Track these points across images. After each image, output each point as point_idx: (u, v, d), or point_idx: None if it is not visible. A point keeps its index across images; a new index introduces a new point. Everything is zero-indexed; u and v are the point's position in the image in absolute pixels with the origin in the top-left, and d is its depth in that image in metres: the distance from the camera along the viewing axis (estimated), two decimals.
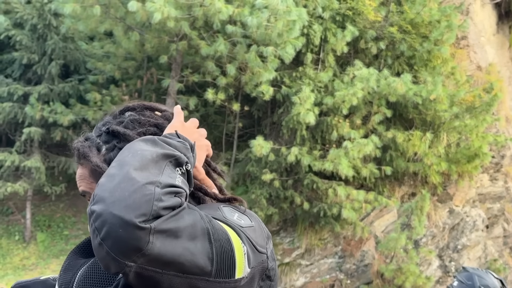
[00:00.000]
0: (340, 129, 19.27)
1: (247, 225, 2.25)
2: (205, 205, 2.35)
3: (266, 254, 2.28)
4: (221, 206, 2.29)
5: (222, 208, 2.26)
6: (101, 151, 2.48)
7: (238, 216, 2.26)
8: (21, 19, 22.58)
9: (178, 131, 2.36)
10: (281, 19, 17.53)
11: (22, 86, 22.14)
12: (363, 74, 18.80)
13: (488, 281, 6.62)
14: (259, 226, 2.34)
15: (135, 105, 2.61)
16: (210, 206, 2.29)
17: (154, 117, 2.56)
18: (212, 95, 19.26)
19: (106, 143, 2.48)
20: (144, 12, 17.22)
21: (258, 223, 2.36)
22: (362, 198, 19.20)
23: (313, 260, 20.43)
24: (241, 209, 2.36)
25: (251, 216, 2.36)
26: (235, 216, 2.25)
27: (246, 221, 2.27)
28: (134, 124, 2.51)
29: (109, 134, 2.50)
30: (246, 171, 20.34)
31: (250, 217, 2.34)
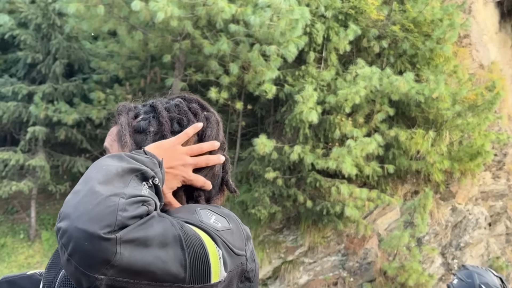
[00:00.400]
0: (343, 128, 19.31)
1: (224, 228, 2.19)
2: (183, 207, 2.34)
3: (245, 256, 2.26)
4: (198, 209, 2.24)
5: (199, 211, 2.21)
6: (136, 118, 2.57)
7: (215, 219, 2.20)
8: (25, 19, 22.66)
9: (164, 150, 2.36)
10: (283, 18, 17.57)
11: (27, 85, 22.23)
12: (365, 72, 18.83)
13: (488, 279, 6.61)
14: (237, 227, 2.29)
15: (191, 97, 2.70)
16: (188, 209, 2.26)
17: (197, 112, 2.59)
18: (215, 94, 19.33)
19: (146, 113, 2.57)
20: (147, 12, 17.28)
21: (237, 225, 2.31)
22: (365, 196, 19.25)
23: (316, 258, 20.48)
24: (219, 211, 2.31)
25: (229, 217, 2.30)
26: (212, 219, 2.19)
27: (223, 223, 2.21)
28: (175, 109, 2.58)
29: (151, 107, 2.60)
30: (249, 169, 20.41)
31: (228, 219, 2.27)
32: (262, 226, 20.40)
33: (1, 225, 22.56)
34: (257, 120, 22.25)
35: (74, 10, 18.45)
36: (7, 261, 21.11)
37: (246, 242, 2.31)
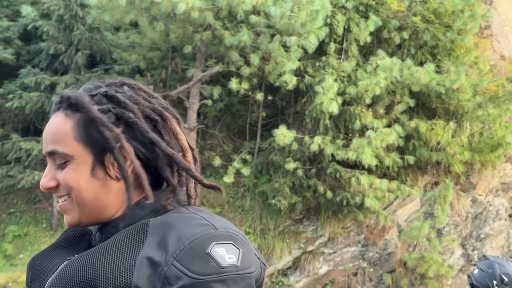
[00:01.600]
0: (363, 119, 19.35)
1: (237, 260, 2.01)
2: (194, 245, 2.01)
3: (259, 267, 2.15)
4: (211, 248, 1.99)
5: (213, 252, 1.99)
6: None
7: (227, 252, 2.01)
8: (48, 10, 22.78)
9: None
10: (304, 9, 17.63)
11: (49, 76, 22.36)
12: (386, 63, 18.86)
13: (508, 269, 6.49)
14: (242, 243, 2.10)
15: (132, 83, 2.37)
16: (200, 251, 1.98)
17: (150, 100, 2.31)
18: (236, 84, 19.43)
19: (98, 104, 2.21)
20: (169, 3, 17.37)
21: (239, 238, 2.10)
22: (385, 187, 19.28)
23: (336, 248, 20.52)
24: (226, 235, 2.06)
25: (232, 238, 2.06)
26: (225, 255, 2.00)
27: (234, 252, 2.02)
28: (133, 101, 2.26)
29: (105, 97, 2.24)
30: (269, 160, 20.45)
31: (233, 241, 2.05)
32: (282, 217, 20.46)
33: (24, 214, 22.75)
34: (278, 110, 22.32)
35: (96, 1, 18.60)
36: (30, 250, 21.29)
37: (252, 249, 2.14)
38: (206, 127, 22.34)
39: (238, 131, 22.93)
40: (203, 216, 2.11)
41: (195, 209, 2.20)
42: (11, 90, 22.49)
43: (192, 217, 2.11)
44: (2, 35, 23.09)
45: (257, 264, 2.09)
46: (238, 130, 22.95)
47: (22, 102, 21.84)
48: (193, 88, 19.78)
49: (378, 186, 19.21)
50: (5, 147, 21.95)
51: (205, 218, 2.09)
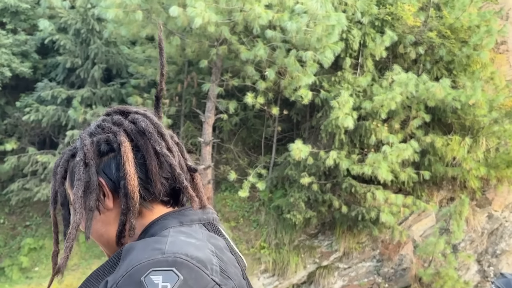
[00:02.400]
0: (379, 134, 19.32)
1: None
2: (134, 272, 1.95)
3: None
4: (146, 275, 1.92)
5: (147, 280, 1.91)
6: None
7: (163, 278, 1.92)
8: (65, 24, 22.89)
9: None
10: (320, 24, 17.63)
11: (66, 90, 22.46)
12: (401, 78, 18.84)
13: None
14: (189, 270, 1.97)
15: (113, 109, 2.41)
16: (135, 279, 1.92)
17: (120, 122, 2.32)
18: (252, 99, 19.44)
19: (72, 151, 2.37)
20: (185, 17, 17.39)
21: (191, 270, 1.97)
22: (401, 202, 19.25)
23: (351, 263, 20.46)
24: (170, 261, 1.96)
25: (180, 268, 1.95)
26: (160, 282, 1.91)
27: (171, 279, 1.92)
28: (98, 130, 2.32)
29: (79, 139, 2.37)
30: (284, 174, 20.43)
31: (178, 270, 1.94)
32: (297, 231, 20.43)
33: (40, 227, 22.78)
34: (293, 125, 22.30)
35: (113, 16, 18.61)
36: (45, 263, 21.31)
37: (206, 269, 2.02)
38: (221, 141, 22.37)
39: (254, 146, 22.92)
40: (168, 240, 2.06)
41: (177, 232, 2.15)
42: (28, 104, 22.61)
43: (157, 240, 2.07)
44: (20, 49, 23.20)
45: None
46: (253, 144, 22.93)
47: (38, 115, 21.94)
48: (209, 103, 19.85)
49: (394, 201, 19.16)
50: (22, 160, 22.04)
51: (167, 242, 2.04)
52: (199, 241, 2.11)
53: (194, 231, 2.18)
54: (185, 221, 2.23)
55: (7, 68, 22.33)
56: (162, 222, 2.20)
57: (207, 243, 2.13)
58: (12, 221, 23.30)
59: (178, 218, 2.23)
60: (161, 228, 2.17)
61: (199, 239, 2.12)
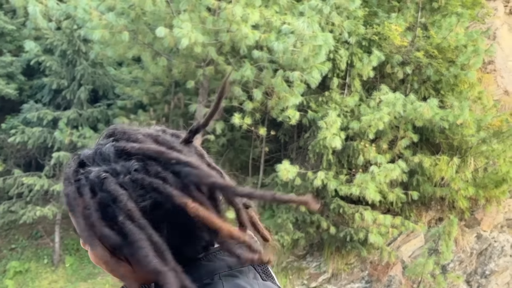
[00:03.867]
0: (367, 154, 19.27)
1: None
2: None
3: None
4: None
5: None
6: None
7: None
8: (51, 45, 22.84)
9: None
10: (307, 44, 17.56)
11: (52, 111, 22.37)
12: (389, 98, 18.82)
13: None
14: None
15: (141, 148, 1.98)
16: None
17: (160, 173, 1.93)
18: (239, 119, 19.35)
19: (93, 191, 1.91)
20: (172, 38, 17.33)
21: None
22: (389, 222, 19.17)
23: (340, 284, 20.35)
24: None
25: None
26: None
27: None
28: (134, 187, 1.90)
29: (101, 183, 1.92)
30: None
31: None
32: (285, 253, 20.32)
33: (25, 250, 22.64)
34: (281, 146, 22.24)
35: (99, 37, 18.53)
36: (31, 286, 21.15)
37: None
38: None
39: (241, 166, 22.84)
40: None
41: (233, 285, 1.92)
42: (13, 125, 22.50)
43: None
44: (5, 70, 23.12)
45: None
46: (241, 165, 22.85)
47: (24, 137, 21.82)
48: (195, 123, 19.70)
49: (382, 222, 19.10)
50: (7, 183, 21.90)
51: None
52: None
53: (250, 284, 1.95)
54: (234, 264, 1.99)
55: None
56: (207, 265, 1.98)
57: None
58: None
59: (225, 260, 2.00)
60: (207, 274, 1.94)
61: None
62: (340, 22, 19.54)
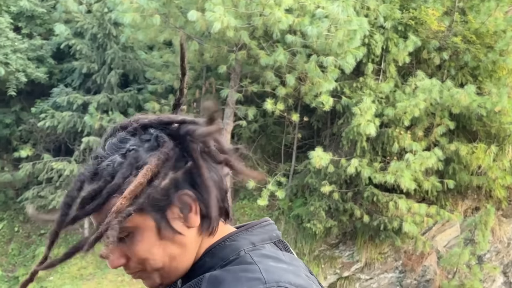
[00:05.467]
0: (402, 141, 18.97)
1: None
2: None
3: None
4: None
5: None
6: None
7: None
8: (82, 28, 22.72)
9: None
10: (341, 29, 17.34)
11: (82, 95, 22.25)
12: (425, 85, 18.50)
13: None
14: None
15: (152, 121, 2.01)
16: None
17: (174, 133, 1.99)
18: (271, 105, 19.13)
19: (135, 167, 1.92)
20: (203, 22, 17.16)
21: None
22: (424, 211, 18.85)
23: (373, 274, 20.14)
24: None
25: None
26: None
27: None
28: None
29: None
30: (305, 182, 20.14)
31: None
32: (318, 241, 20.11)
33: None
34: (314, 132, 21.97)
35: (130, 20, 18.43)
36: (60, 272, 21.11)
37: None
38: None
39: (273, 153, 22.64)
40: (260, 267, 1.82)
41: (261, 256, 1.90)
42: (43, 110, 22.40)
43: (247, 269, 1.83)
44: (35, 54, 23.05)
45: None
46: (273, 151, 22.66)
47: (54, 121, 21.72)
48: (227, 109, 19.59)
49: (417, 211, 18.80)
50: (37, 167, 21.82)
51: (260, 270, 1.81)
52: (290, 266, 1.90)
53: (274, 253, 1.96)
54: (257, 241, 1.98)
55: (22, 74, 22.19)
56: (232, 244, 1.96)
57: (298, 266, 1.93)
58: (26, 229, 23.15)
59: (248, 238, 1.99)
60: (233, 251, 1.93)
61: (288, 263, 1.91)
62: (375, 6, 19.27)
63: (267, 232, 2.04)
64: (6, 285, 21.60)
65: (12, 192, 23.41)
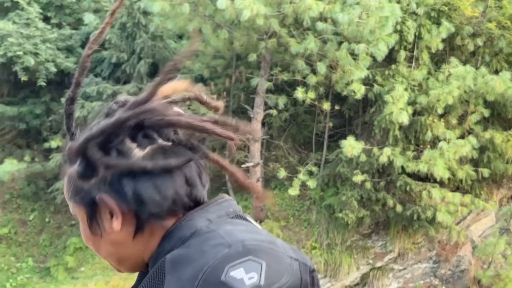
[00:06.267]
0: (435, 129, 18.78)
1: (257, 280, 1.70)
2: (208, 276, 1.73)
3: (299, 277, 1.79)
4: (226, 274, 1.70)
5: (228, 279, 1.69)
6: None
7: (245, 270, 1.71)
8: None
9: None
10: (373, 16, 17.18)
11: (111, 85, 22.25)
12: (459, 72, 18.26)
13: None
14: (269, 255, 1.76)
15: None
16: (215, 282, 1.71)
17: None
18: (302, 94, 18.96)
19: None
20: (233, 10, 17.07)
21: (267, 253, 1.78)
22: (458, 201, 18.65)
23: (406, 264, 20.01)
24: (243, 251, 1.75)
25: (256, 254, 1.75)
26: (244, 275, 1.71)
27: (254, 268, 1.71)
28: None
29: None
30: (336, 172, 19.98)
31: (255, 256, 1.74)
32: (350, 231, 19.99)
33: None
34: (345, 121, 21.82)
35: (159, 9, 18.42)
36: (91, 262, 21.17)
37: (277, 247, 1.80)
38: (270, 137, 21.95)
39: (304, 142, 22.54)
40: (220, 233, 1.80)
41: (217, 224, 1.88)
42: None
43: (207, 238, 1.81)
44: (65, 44, 23.08)
45: (291, 270, 1.77)
46: (304, 141, 22.55)
47: (84, 111, 21.65)
48: (257, 98, 19.50)
49: (451, 200, 18.61)
50: None
51: (221, 235, 1.79)
52: (249, 227, 1.90)
53: (232, 221, 1.93)
54: (213, 218, 1.92)
55: (52, 64, 22.24)
56: (187, 224, 1.90)
57: (256, 227, 1.93)
58: (57, 220, 23.25)
59: (203, 216, 1.92)
60: (189, 229, 1.87)
61: (246, 225, 1.91)
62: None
63: (223, 208, 1.98)
64: (38, 275, 21.72)
65: (43, 183, 23.49)
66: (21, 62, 21.79)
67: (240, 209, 2.04)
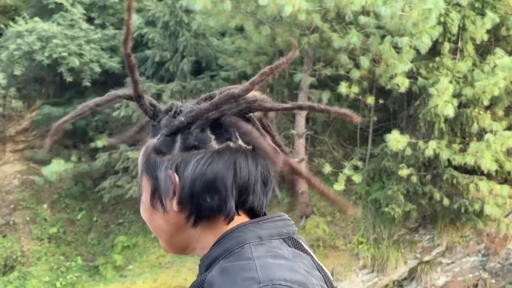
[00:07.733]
0: (481, 121, 18.61)
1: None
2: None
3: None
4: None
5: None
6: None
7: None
8: (153, 17, 22.79)
9: None
10: (416, 8, 17.02)
11: (155, 84, 22.32)
12: (505, 62, 18.01)
13: None
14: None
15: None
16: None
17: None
18: (346, 88, 18.93)
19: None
20: (274, 6, 17.05)
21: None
22: (506, 193, 18.47)
23: (455, 258, 19.87)
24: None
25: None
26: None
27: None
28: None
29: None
30: (382, 166, 19.91)
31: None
32: (397, 225, 19.88)
33: (132, 224, 22.82)
34: (389, 115, 21.72)
35: (201, 7, 18.47)
36: (139, 260, 21.28)
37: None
38: (315, 133, 21.91)
39: (349, 137, 22.47)
40: (257, 264, 1.83)
41: (262, 251, 1.90)
42: None
43: (243, 268, 1.84)
44: (108, 44, 23.23)
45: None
46: (348, 135, 22.48)
47: (129, 111, 21.81)
48: (301, 93, 19.46)
49: (499, 193, 18.44)
50: (113, 157, 21.98)
51: (256, 267, 1.82)
52: (290, 261, 1.88)
53: (278, 248, 1.94)
54: (264, 235, 1.97)
55: (96, 64, 22.40)
56: (238, 236, 1.96)
57: (298, 262, 1.90)
58: (105, 219, 23.44)
59: (256, 231, 1.97)
60: (238, 244, 1.93)
61: (288, 259, 1.89)
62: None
63: (276, 227, 2.01)
64: (87, 274, 21.92)
65: (90, 182, 23.69)
66: (66, 63, 21.99)
67: (295, 230, 2.07)
